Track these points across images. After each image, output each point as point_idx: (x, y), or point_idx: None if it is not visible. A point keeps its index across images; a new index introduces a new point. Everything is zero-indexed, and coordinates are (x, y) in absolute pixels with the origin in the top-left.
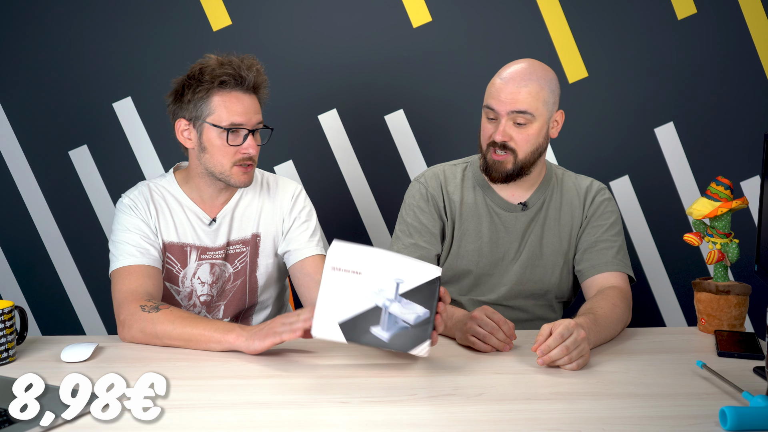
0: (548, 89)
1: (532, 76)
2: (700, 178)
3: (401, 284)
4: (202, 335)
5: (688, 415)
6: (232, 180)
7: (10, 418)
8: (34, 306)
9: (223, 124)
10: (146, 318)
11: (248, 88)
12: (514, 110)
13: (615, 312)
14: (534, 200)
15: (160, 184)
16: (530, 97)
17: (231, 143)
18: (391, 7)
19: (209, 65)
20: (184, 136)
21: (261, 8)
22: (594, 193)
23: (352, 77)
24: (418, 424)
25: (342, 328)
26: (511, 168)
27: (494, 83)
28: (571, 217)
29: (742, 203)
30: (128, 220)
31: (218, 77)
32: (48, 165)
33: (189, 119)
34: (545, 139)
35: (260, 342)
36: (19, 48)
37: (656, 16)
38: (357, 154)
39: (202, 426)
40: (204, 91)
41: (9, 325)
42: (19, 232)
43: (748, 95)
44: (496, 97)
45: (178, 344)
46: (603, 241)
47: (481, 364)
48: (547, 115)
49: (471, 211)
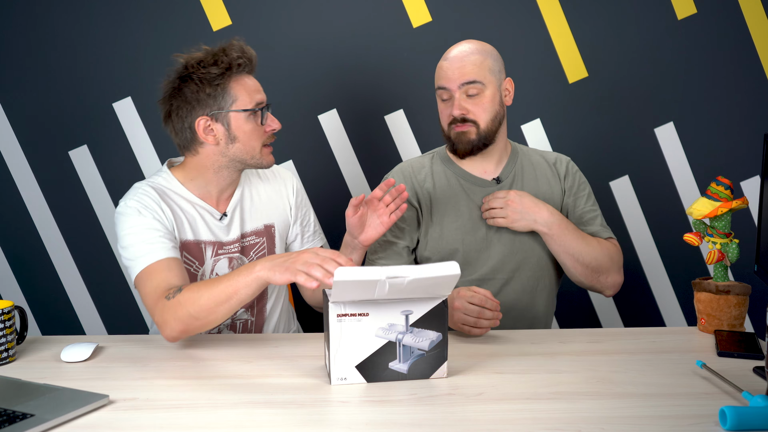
0: (491, 58)
1: (472, 50)
2: (700, 178)
3: (410, 315)
4: (229, 286)
5: (688, 415)
6: (264, 161)
7: (10, 418)
8: (34, 306)
9: (249, 106)
10: (174, 304)
11: (252, 67)
12: (463, 82)
13: (600, 247)
14: (506, 174)
15: (162, 184)
16: (475, 67)
17: (267, 122)
18: (391, 7)
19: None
20: (205, 133)
21: (261, 8)
22: (566, 164)
23: (352, 77)
24: (418, 424)
25: (360, 370)
26: (475, 138)
27: (440, 66)
28: (549, 186)
29: (742, 203)
30: (138, 221)
31: (234, 61)
32: (48, 165)
33: (210, 115)
34: (501, 106)
35: (280, 275)
36: (19, 48)
37: (656, 16)
38: (357, 154)
39: (202, 426)
40: (219, 81)
41: (9, 325)
42: (19, 232)
43: (748, 95)
44: (445, 76)
45: (215, 311)
46: (588, 212)
47: (481, 364)
48: (496, 83)
49: (446, 193)
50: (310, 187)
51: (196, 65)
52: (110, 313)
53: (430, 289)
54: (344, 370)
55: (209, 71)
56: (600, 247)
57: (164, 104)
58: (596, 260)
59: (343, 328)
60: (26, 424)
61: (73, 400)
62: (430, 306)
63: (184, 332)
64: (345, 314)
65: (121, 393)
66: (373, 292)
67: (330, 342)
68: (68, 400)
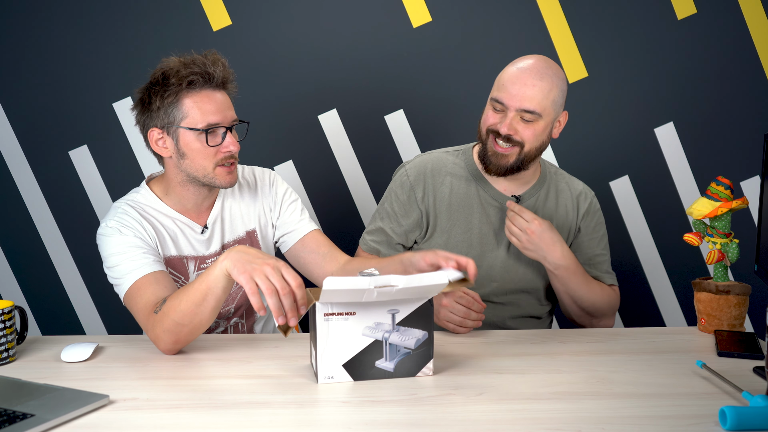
0: (558, 89)
1: (545, 74)
2: (700, 178)
3: (396, 314)
4: (202, 283)
5: (688, 415)
6: (217, 182)
7: (10, 418)
8: (34, 306)
9: (199, 125)
10: (160, 316)
11: (217, 84)
12: (522, 108)
13: (602, 293)
14: (528, 196)
15: (140, 201)
16: (541, 96)
17: (211, 144)
18: (391, 7)
19: (172, 67)
20: (159, 145)
21: (261, 8)
22: (589, 200)
23: (352, 77)
24: (418, 424)
25: (347, 369)
26: (513, 162)
27: (504, 76)
28: (566, 218)
29: (742, 203)
30: (119, 240)
31: (185, 78)
32: (48, 165)
33: (161, 127)
34: (548, 137)
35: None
36: (19, 48)
37: (656, 16)
38: (357, 154)
39: (203, 426)
40: (173, 95)
41: (9, 325)
42: (19, 232)
43: (748, 95)
44: (507, 91)
45: (197, 313)
46: (598, 255)
47: (481, 364)
48: (553, 116)
49: (462, 202)
50: (310, 187)
51: (159, 75)
52: (110, 313)
53: (418, 294)
54: (331, 369)
55: (165, 84)
56: (602, 294)
57: (134, 111)
58: (594, 306)
59: (330, 327)
60: (26, 424)
61: (73, 400)
62: (416, 305)
63: (177, 342)
64: (332, 313)
65: (121, 393)
66: (361, 298)
67: (317, 341)
68: (68, 400)
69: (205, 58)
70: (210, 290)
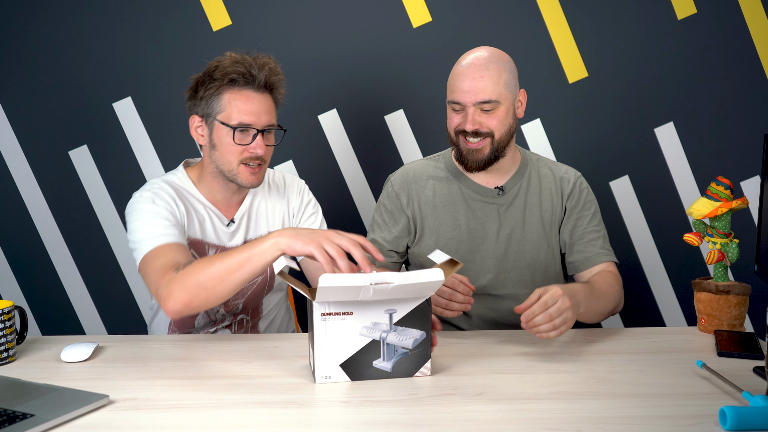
0: (507, 71)
1: (489, 62)
2: (700, 178)
3: (394, 314)
4: (242, 253)
5: (688, 415)
6: (239, 179)
7: (10, 418)
8: (34, 306)
9: (231, 122)
10: (182, 274)
11: (259, 86)
12: (478, 101)
13: (610, 290)
14: (510, 185)
15: (176, 183)
16: (491, 83)
17: (238, 142)
18: (391, 7)
19: (223, 63)
20: (198, 132)
21: (261, 8)
22: (573, 182)
23: (352, 77)
24: (418, 424)
25: (344, 369)
26: (488, 153)
27: (454, 77)
28: (552, 203)
29: (742, 203)
30: (151, 208)
31: (228, 75)
32: (48, 165)
33: (202, 116)
34: (514, 119)
35: (303, 246)
36: (19, 48)
37: (656, 16)
38: (357, 154)
39: (202, 426)
40: (215, 89)
41: (9, 325)
42: (19, 232)
43: (748, 95)
44: (460, 92)
45: (225, 281)
46: (590, 232)
47: (481, 364)
48: (511, 98)
49: (445, 201)
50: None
51: (213, 68)
52: (110, 313)
53: (414, 292)
54: (328, 369)
55: (212, 76)
56: (612, 296)
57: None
58: (607, 308)
59: (327, 326)
60: (26, 424)
61: (73, 400)
62: (413, 305)
63: (188, 305)
64: (329, 313)
65: (121, 393)
66: (357, 296)
67: (314, 341)
68: (68, 400)
69: (254, 60)
70: (250, 260)
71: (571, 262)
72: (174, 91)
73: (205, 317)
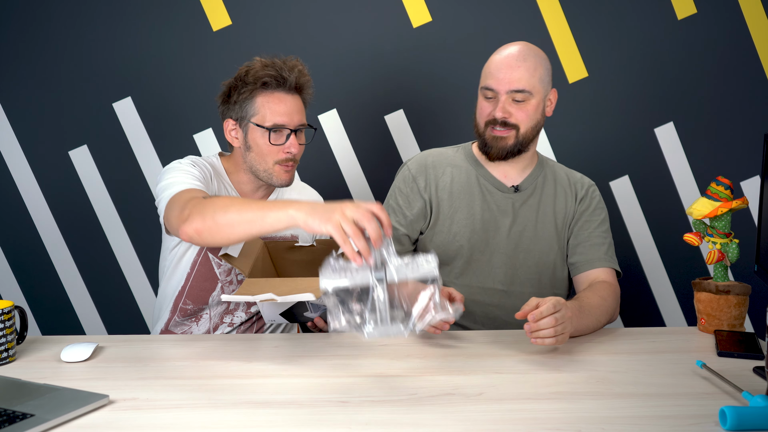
0: (543, 67)
1: (527, 55)
2: (700, 178)
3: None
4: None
5: (688, 415)
6: (274, 178)
7: (10, 418)
8: (34, 306)
9: (266, 124)
10: (207, 202)
11: (290, 88)
12: (512, 89)
13: (603, 304)
14: (526, 184)
15: (214, 163)
16: (528, 75)
17: (273, 143)
18: (391, 7)
19: (253, 67)
20: (232, 135)
21: (261, 8)
22: (586, 187)
23: (352, 77)
24: (418, 424)
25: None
26: (512, 143)
27: (490, 65)
28: (565, 205)
29: (742, 203)
30: (189, 169)
31: (260, 78)
32: (48, 165)
33: (236, 119)
34: (542, 116)
35: (320, 224)
36: (19, 48)
37: (656, 16)
38: (357, 154)
39: (202, 426)
40: (248, 92)
41: (9, 325)
42: (19, 232)
43: (748, 95)
44: (495, 77)
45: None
46: (596, 236)
47: (481, 364)
48: (543, 93)
49: (463, 189)
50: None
51: (244, 73)
52: (110, 313)
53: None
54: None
55: (244, 81)
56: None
57: (217, 101)
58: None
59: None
60: (26, 424)
61: (73, 400)
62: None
63: (198, 232)
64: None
65: (121, 393)
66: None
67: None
68: (68, 400)
69: (283, 63)
70: (263, 219)
71: (572, 263)
72: (174, 91)
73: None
